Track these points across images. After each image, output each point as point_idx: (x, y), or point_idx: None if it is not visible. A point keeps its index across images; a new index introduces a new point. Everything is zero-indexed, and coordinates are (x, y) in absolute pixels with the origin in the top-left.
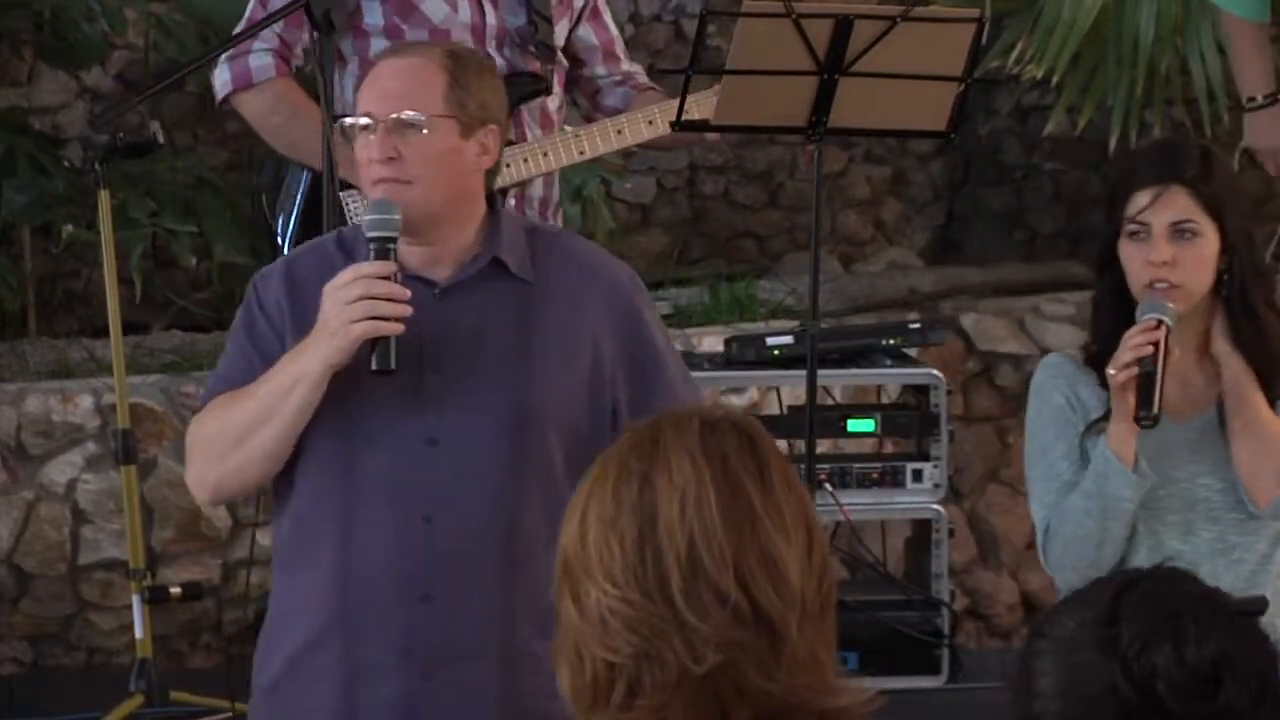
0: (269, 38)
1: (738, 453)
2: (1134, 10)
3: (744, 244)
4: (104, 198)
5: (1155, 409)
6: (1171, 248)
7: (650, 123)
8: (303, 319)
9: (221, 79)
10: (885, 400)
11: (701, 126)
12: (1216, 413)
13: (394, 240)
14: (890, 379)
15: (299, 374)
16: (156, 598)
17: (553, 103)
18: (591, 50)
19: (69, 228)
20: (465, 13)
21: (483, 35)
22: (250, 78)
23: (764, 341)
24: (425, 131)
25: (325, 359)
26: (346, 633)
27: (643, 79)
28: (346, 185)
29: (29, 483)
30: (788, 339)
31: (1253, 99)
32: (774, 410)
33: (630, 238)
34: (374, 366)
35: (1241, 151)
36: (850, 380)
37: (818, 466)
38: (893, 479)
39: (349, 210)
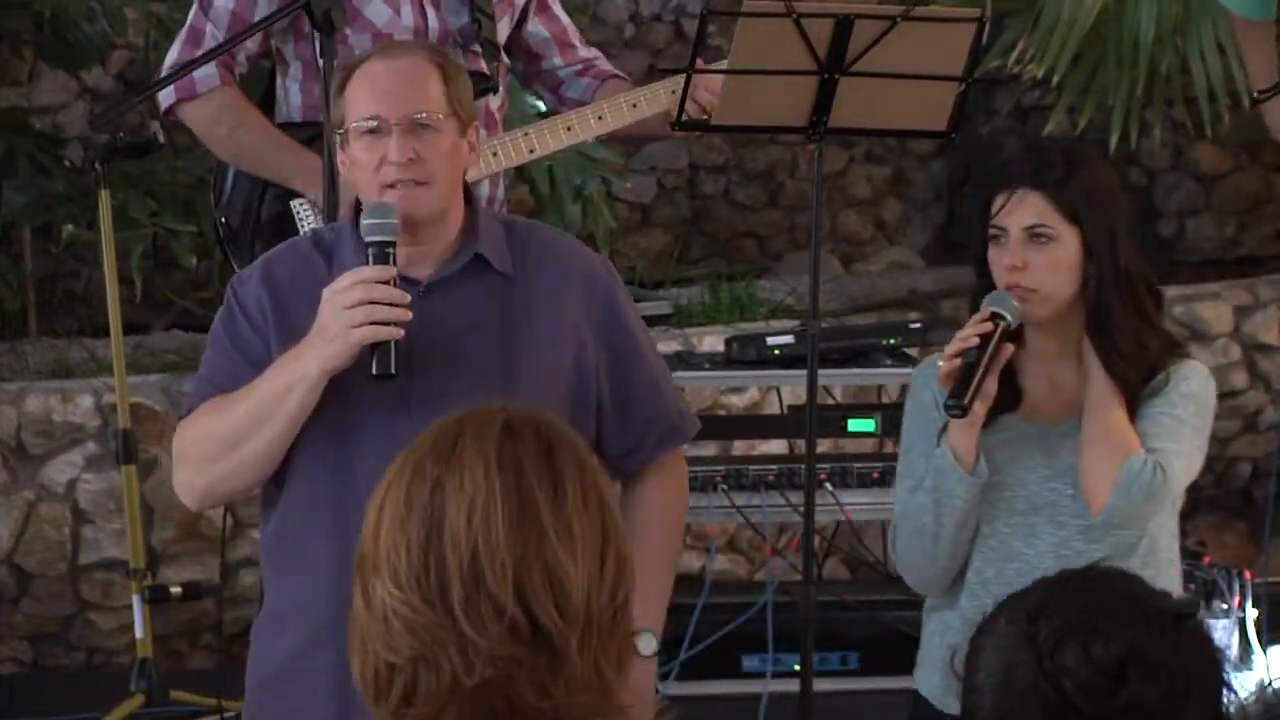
0: (211, 46)
1: (534, 463)
2: (1134, 10)
3: (744, 244)
4: (104, 198)
5: (966, 399)
6: (1025, 252)
7: (600, 118)
8: (285, 320)
9: (164, 89)
10: (885, 400)
11: (701, 126)
12: (1079, 419)
13: (393, 244)
14: (890, 379)
15: (295, 378)
16: (156, 598)
17: (494, 102)
18: (545, 43)
19: (69, 228)
20: (408, 16)
21: (425, 37)
22: (194, 87)
23: (764, 341)
24: (437, 131)
25: (323, 363)
26: (342, 634)
27: (604, 65)
28: (294, 193)
29: (29, 483)
30: (788, 338)
31: (1264, 92)
32: (774, 410)
33: (630, 238)
34: (375, 371)
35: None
36: (850, 380)
37: (818, 466)
38: (893, 479)
39: (299, 217)
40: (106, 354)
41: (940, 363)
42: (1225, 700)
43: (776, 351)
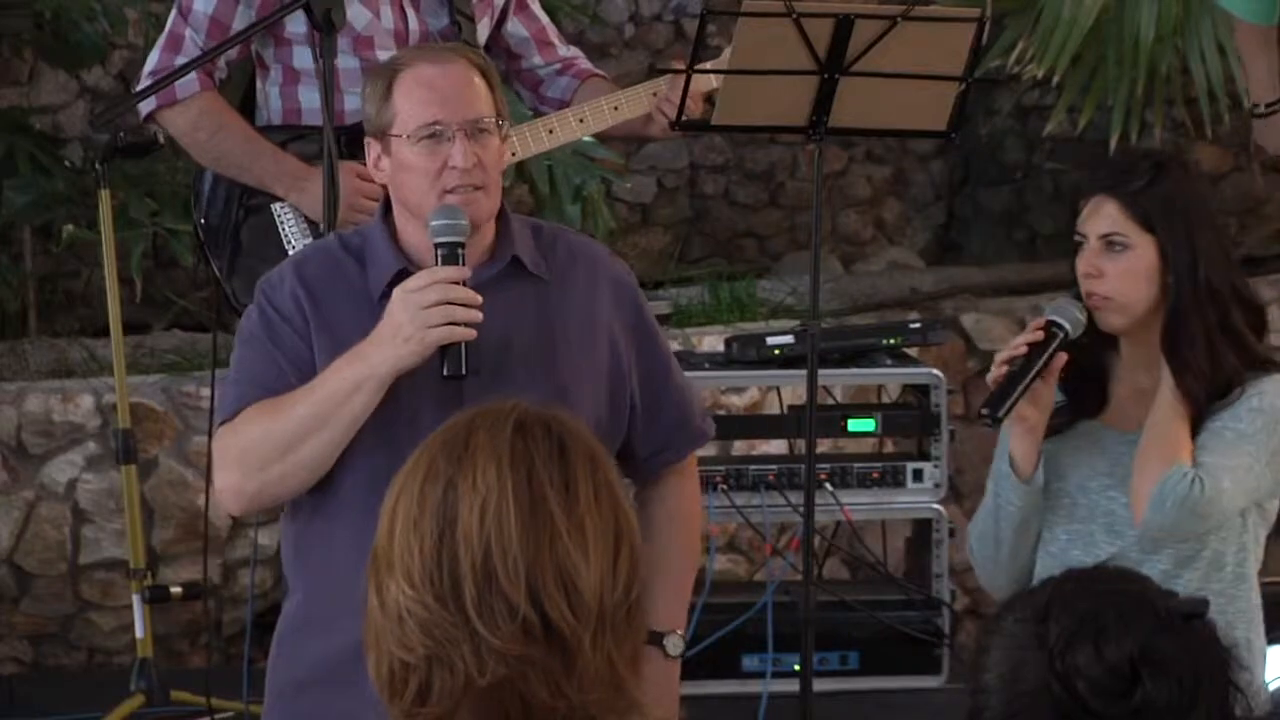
0: (191, 51)
1: (545, 461)
2: (1134, 10)
3: (744, 244)
4: (104, 197)
5: (1001, 411)
6: (1101, 260)
7: (581, 121)
8: (324, 320)
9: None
10: (886, 400)
11: (701, 126)
12: None
13: (463, 245)
14: (891, 379)
15: (362, 378)
16: (156, 598)
17: None
18: (524, 42)
19: (69, 228)
20: (388, 18)
21: (405, 40)
22: (174, 93)
23: (764, 341)
24: (490, 135)
25: (396, 362)
26: None
27: (584, 64)
28: (274, 197)
29: (29, 482)
30: (788, 338)
31: (1256, 106)
32: (774, 410)
33: (630, 238)
34: (446, 372)
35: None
36: (851, 380)
37: (818, 466)
38: (893, 479)
39: (280, 221)
40: (106, 354)
41: (993, 368)
42: (1233, 700)
43: (776, 351)
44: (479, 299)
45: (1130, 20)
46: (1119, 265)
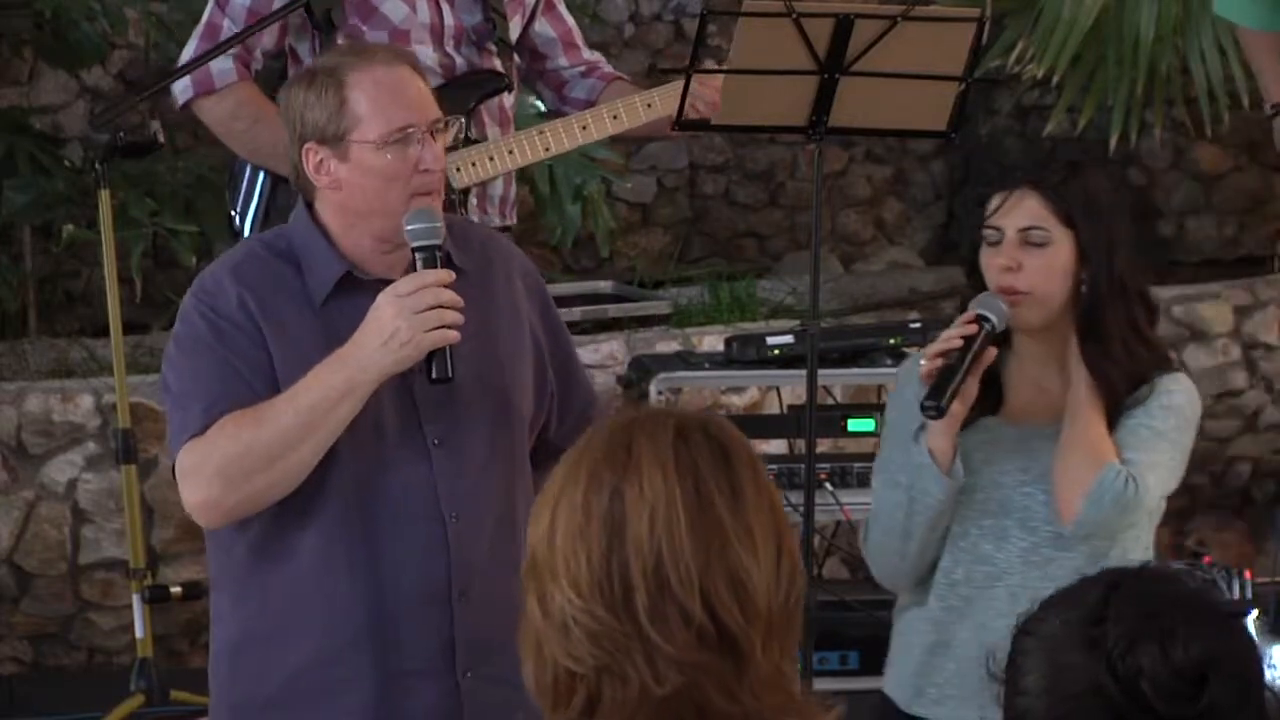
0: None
1: (710, 467)
2: (1134, 10)
3: (744, 243)
4: (104, 197)
5: (943, 401)
6: (1019, 254)
7: (615, 117)
8: (274, 324)
9: (181, 84)
10: (885, 400)
11: (701, 126)
12: (1059, 424)
13: (440, 247)
14: (890, 379)
15: (353, 383)
16: (156, 597)
17: (508, 99)
18: (551, 43)
19: (69, 228)
20: (424, 13)
21: (440, 35)
22: (212, 83)
23: (764, 341)
24: (444, 135)
25: (387, 368)
26: (380, 641)
27: (607, 68)
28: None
29: (29, 482)
30: (788, 338)
31: (1276, 105)
32: (774, 410)
33: (630, 238)
34: (434, 375)
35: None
36: (850, 380)
37: (818, 466)
38: None
39: None
40: (106, 354)
41: (923, 361)
42: (1268, 699)
43: (776, 351)
44: (462, 302)
45: (1130, 20)
46: (1038, 259)
